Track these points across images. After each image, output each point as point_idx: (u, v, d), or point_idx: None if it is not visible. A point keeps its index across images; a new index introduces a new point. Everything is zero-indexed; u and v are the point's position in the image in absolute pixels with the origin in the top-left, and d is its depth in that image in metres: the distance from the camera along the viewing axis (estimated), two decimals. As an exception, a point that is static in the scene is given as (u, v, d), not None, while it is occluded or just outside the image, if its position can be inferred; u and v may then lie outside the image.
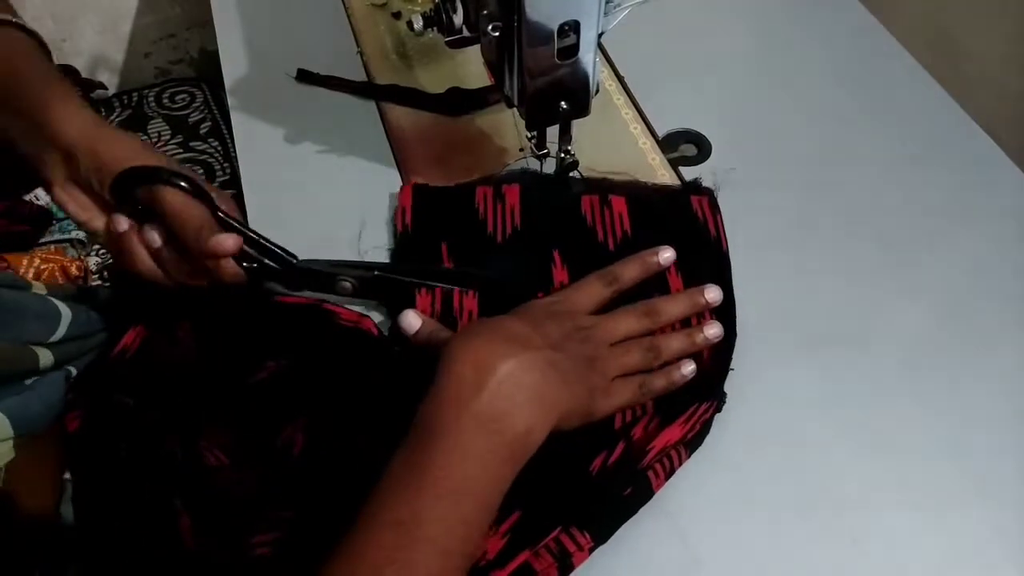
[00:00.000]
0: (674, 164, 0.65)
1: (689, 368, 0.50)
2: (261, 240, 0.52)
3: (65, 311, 0.50)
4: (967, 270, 0.58)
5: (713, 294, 0.54)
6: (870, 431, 0.51)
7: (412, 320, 0.51)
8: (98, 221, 0.52)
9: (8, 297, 0.48)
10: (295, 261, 0.53)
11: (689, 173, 0.64)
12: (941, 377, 0.53)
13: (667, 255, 0.55)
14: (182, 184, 0.48)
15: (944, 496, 0.48)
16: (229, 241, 0.48)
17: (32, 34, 0.56)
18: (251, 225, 0.55)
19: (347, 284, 0.54)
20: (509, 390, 0.40)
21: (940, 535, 0.47)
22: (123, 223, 0.50)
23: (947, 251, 0.60)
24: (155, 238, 0.50)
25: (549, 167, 0.61)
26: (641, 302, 0.53)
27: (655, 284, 0.55)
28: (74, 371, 0.51)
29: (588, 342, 0.48)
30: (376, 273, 0.54)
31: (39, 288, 0.53)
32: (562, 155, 0.59)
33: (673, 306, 0.53)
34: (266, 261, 0.53)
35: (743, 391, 0.52)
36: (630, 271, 0.54)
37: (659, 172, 0.64)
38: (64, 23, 1.38)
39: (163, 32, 1.48)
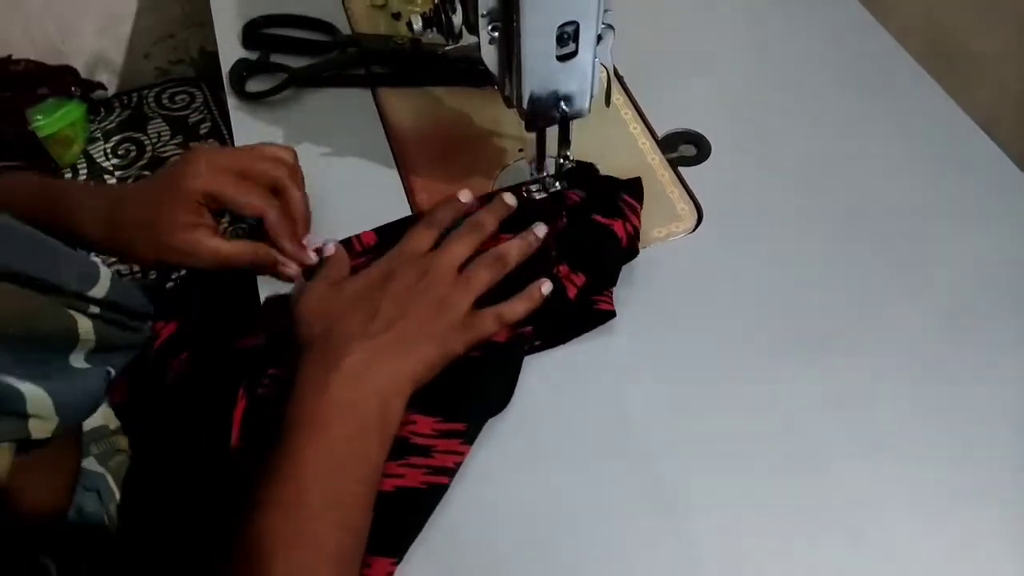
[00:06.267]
0: (674, 164, 0.65)
1: (547, 287, 0.53)
2: None
3: (104, 269, 0.50)
4: (967, 270, 0.58)
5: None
6: (870, 431, 0.51)
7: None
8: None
9: (47, 239, 0.47)
10: None
11: (688, 173, 0.64)
12: (941, 377, 0.53)
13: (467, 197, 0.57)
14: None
15: (944, 496, 0.48)
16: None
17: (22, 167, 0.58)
18: (250, 224, 0.55)
19: None
20: (355, 382, 0.45)
21: (940, 535, 0.47)
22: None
23: (946, 251, 0.60)
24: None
25: (548, 168, 0.61)
26: (463, 225, 0.56)
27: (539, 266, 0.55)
28: (113, 371, 0.51)
29: (434, 281, 0.51)
30: None
31: None
32: (561, 160, 0.59)
33: (489, 213, 0.56)
34: None
35: (743, 391, 0.52)
36: (443, 214, 0.56)
37: (659, 172, 0.64)
38: (64, 24, 1.38)
39: (163, 33, 1.48)
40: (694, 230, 0.61)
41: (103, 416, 0.55)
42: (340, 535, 0.42)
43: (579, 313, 0.54)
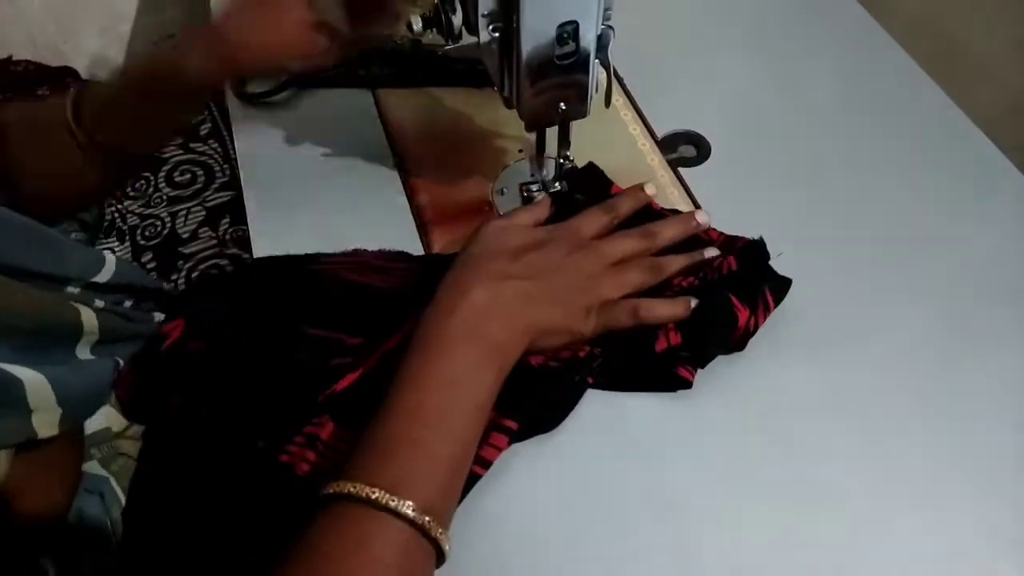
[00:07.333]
0: (673, 165, 0.65)
1: (694, 302, 0.52)
2: None
3: (110, 257, 0.50)
4: (966, 270, 0.58)
5: (702, 217, 0.57)
6: (870, 431, 0.51)
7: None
8: None
9: (51, 232, 0.47)
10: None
11: (688, 174, 0.64)
12: (941, 377, 0.53)
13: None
14: None
15: (944, 496, 0.48)
16: None
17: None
18: (251, 226, 0.56)
19: None
20: (482, 310, 0.48)
21: (940, 535, 0.47)
22: None
23: (946, 251, 0.60)
24: None
25: (549, 168, 0.61)
26: (638, 227, 0.55)
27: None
28: (121, 362, 0.51)
29: (585, 260, 0.52)
30: None
31: None
32: (561, 160, 0.59)
33: (668, 228, 0.56)
34: None
35: (743, 390, 0.52)
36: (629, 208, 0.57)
37: (658, 173, 0.64)
38: (65, 24, 1.38)
39: (163, 33, 1.48)
40: (694, 230, 0.61)
41: (106, 419, 0.56)
42: (451, 446, 0.44)
43: (658, 371, 0.52)
